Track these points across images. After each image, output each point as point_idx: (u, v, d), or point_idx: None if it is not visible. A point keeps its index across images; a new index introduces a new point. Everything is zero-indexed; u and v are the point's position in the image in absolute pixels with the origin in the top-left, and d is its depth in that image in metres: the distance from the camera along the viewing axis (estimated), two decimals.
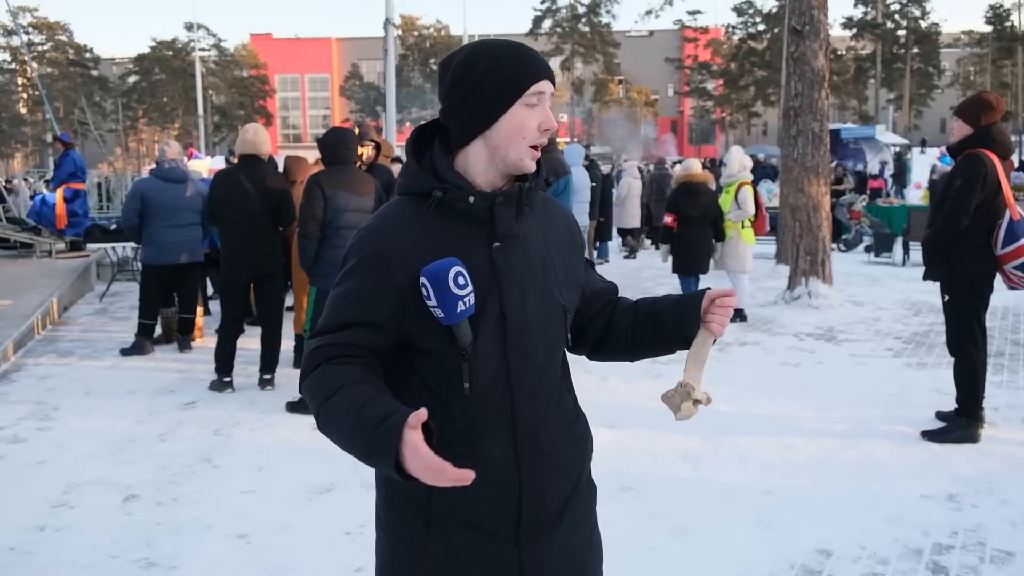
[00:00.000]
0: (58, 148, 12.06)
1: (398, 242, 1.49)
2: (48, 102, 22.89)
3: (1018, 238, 4.35)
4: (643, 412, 5.20)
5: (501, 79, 1.49)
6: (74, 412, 5.37)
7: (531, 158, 1.52)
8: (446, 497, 1.45)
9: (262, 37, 71.41)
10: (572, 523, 1.62)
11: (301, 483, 4.09)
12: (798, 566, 3.22)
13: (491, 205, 1.50)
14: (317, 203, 5.11)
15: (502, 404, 1.51)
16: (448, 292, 1.42)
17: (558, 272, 1.59)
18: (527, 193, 1.54)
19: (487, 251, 1.50)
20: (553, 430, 1.57)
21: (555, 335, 1.57)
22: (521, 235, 1.54)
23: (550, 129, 1.53)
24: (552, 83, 1.54)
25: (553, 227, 1.63)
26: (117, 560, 3.33)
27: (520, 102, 1.50)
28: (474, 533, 1.52)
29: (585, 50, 59.17)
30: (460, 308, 1.43)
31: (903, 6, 53.39)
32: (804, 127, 9.17)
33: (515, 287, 1.51)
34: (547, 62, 1.56)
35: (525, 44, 1.58)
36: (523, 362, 1.51)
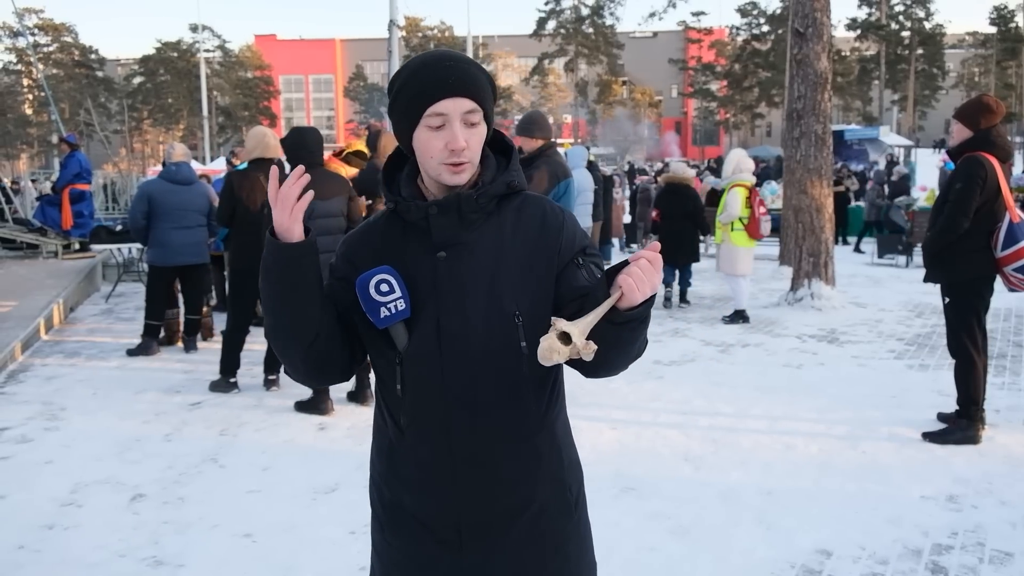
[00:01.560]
0: (64, 149, 12.11)
1: (359, 248, 1.62)
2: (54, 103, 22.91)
3: (1018, 240, 4.38)
4: (645, 413, 5.24)
5: (404, 102, 1.52)
6: (81, 412, 5.41)
7: (450, 173, 1.52)
8: (393, 487, 1.60)
9: (266, 38, 71.62)
10: (525, 540, 1.58)
11: (306, 483, 4.13)
12: (798, 566, 3.25)
13: (426, 215, 1.53)
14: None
15: (437, 410, 1.54)
16: (370, 299, 1.49)
17: (516, 279, 1.54)
18: (467, 201, 1.52)
19: (432, 260, 1.54)
20: (495, 441, 1.55)
21: (502, 343, 1.52)
22: (470, 244, 1.54)
23: (455, 150, 1.49)
24: (463, 98, 1.49)
25: (522, 234, 1.57)
26: (124, 558, 3.37)
27: (421, 125, 1.51)
28: (422, 528, 1.59)
29: (589, 51, 59.20)
30: (384, 314, 1.50)
31: (907, 7, 53.37)
32: (807, 129, 9.20)
33: (454, 296, 1.52)
34: (460, 76, 1.50)
35: (447, 56, 1.53)
36: (459, 369, 1.53)
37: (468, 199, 1.52)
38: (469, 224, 1.54)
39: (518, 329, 1.53)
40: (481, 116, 1.53)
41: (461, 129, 1.49)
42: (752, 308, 8.76)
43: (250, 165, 5.88)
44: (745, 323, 8.09)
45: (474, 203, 1.53)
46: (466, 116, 1.50)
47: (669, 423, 5.07)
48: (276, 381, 5.90)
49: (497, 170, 1.60)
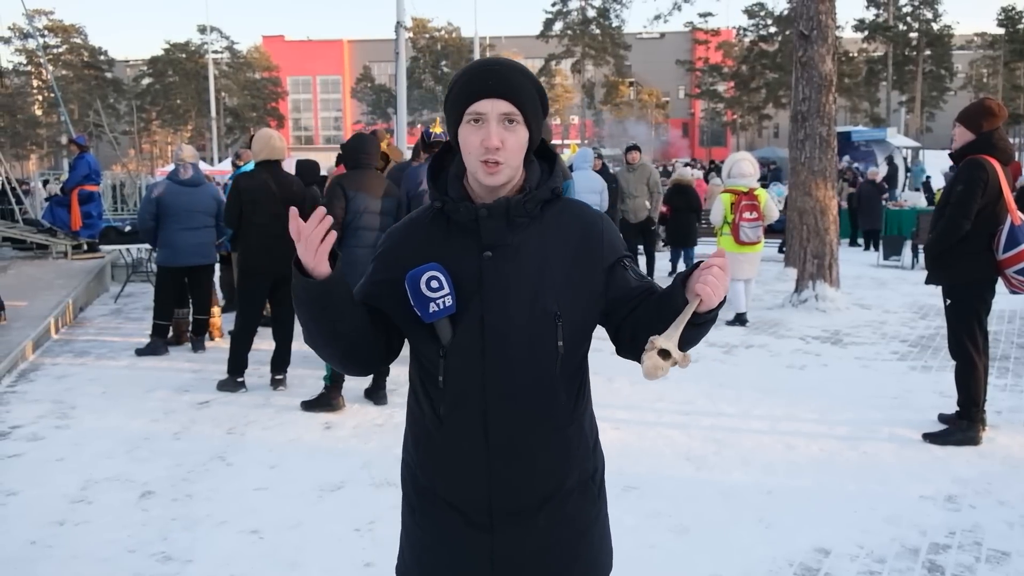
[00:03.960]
0: (73, 151, 12.21)
1: (403, 245, 1.68)
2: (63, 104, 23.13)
3: (1019, 243, 4.41)
4: (648, 413, 5.28)
5: (451, 101, 1.62)
6: (91, 411, 5.49)
7: (486, 172, 1.58)
8: (427, 473, 1.69)
9: (274, 39, 71.75)
10: (553, 524, 1.67)
11: (312, 481, 4.19)
12: (796, 564, 3.29)
13: (475, 217, 1.61)
14: (339, 203, 5.29)
15: (477, 401, 1.61)
16: (420, 294, 1.57)
17: (558, 281, 1.62)
18: (516, 206, 1.60)
19: (478, 259, 1.61)
20: (529, 432, 1.63)
21: (542, 341, 1.61)
22: (515, 245, 1.62)
23: (489, 148, 1.56)
24: (501, 100, 1.56)
25: (562, 236, 1.65)
26: (134, 554, 3.43)
27: (463, 122, 1.60)
28: (451, 511, 1.67)
29: (596, 52, 59.14)
30: (433, 309, 1.57)
31: (915, 8, 53.14)
32: (811, 131, 9.23)
33: (499, 294, 1.60)
34: (500, 80, 1.58)
35: (496, 62, 1.62)
36: (500, 365, 1.60)
37: (517, 204, 1.60)
38: (515, 227, 1.62)
39: (557, 329, 1.61)
40: (520, 119, 1.58)
41: (497, 129, 1.56)
42: (756, 309, 8.79)
43: (257, 167, 5.94)
44: (742, 326, 8.10)
45: (522, 207, 1.61)
46: (503, 116, 1.57)
47: (672, 423, 5.11)
48: (283, 381, 5.97)
49: (542, 176, 1.69)
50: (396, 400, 5.59)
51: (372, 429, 5.03)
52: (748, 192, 8.11)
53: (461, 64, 58.21)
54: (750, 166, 8.30)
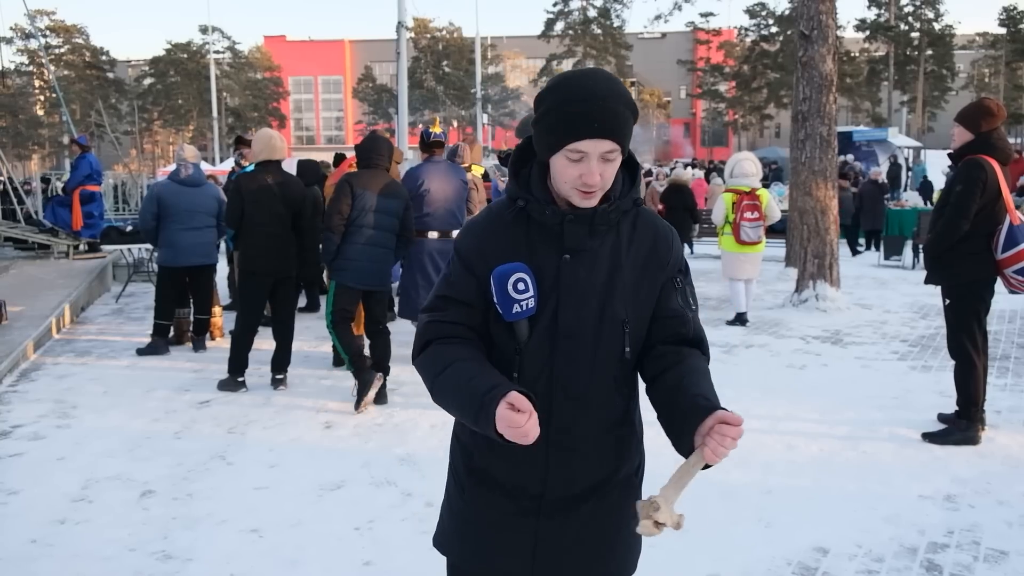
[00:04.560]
0: (74, 151, 12.23)
1: (485, 240, 1.70)
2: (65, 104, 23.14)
3: (1018, 243, 4.41)
4: (648, 412, 5.27)
5: (551, 125, 1.60)
6: (92, 410, 5.50)
7: (580, 197, 1.62)
8: (484, 455, 1.74)
9: (276, 39, 71.82)
10: (594, 512, 1.74)
11: (312, 480, 4.20)
12: (795, 563, 3.30)
13: (561, 221, 1.64)
14: (345, 199, 5.36)
15: (544, 396, 1.66)
16: (507, 295, 1.61)
17: (628, 288, 1.68)
18: (601, 215, 1.64)
19: (557, 261, 1.65)
20: (588, 429, 1.70)
21: (609, 346, 1.68)
22: (593, 250, 1.66)
23: (589, 184, 1.58)
24: (605, 140, 1.56)
25: (636, 246, 1.70)
26: (135, 553, 3.44)
27: (560, 154, 1.60)
28: (502, 495, 1.74)
29: (597, 52, 59.14)
30: (516, 310, 1.62)
31: (916, 8, 53.10)
32: (812, 131, 9.24)
33: (574, 297, 1.65)
34: (606, 119, 1.55)
35: (597, 92, 1.56)
36: (568, 365, 1.67)
37: (603, 213, 1.64)
38: (596, 233, 1.66)
39: (624, 336, 1.68)
40: (619, 152, 1.61)
41: (598, 165, 1.58)
42: (757, 309, 8.80)
43: (257, 167, 5.95)
44: (742, 326, 8.10)
45: (607, 216, 1.65)
46: (605, 155, 1.58)
47: None
48: (283, 380, 5.98)
49: (623, 185, 1.71)
50: (396, 400, 5.60)
51: (372, 428, 5.04)
52: (750, 192, 8.11)
53: (463, 64, 58.35)
54: (752, 166, 8.29)
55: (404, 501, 3.92)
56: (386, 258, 5.56)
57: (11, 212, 13.01)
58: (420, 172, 6.46)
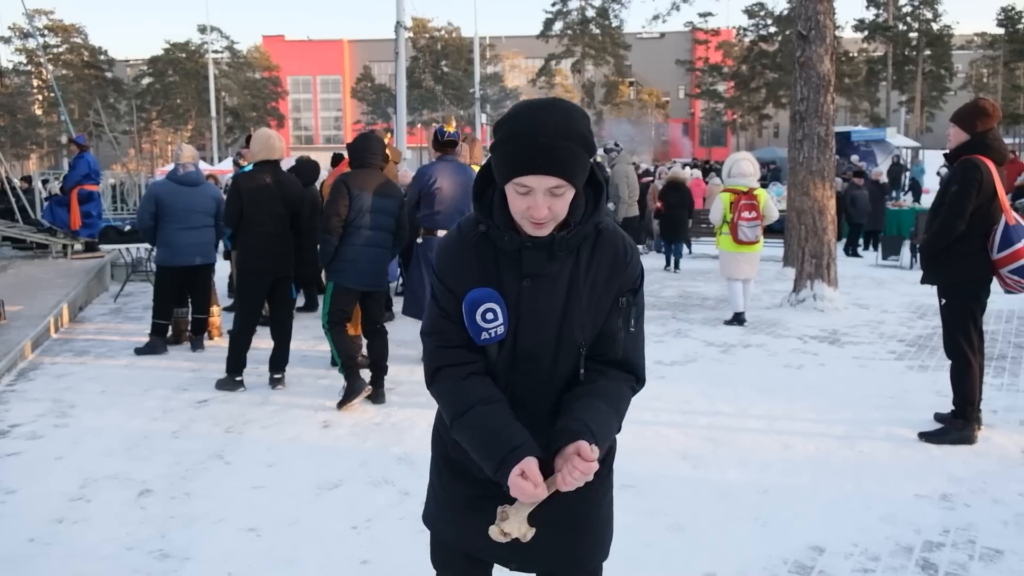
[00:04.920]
0: (73, 150, 12.22)
1: (456, 263, 1.77)
2: (63, 104, 23.13)
3: (1013, 243, 4.42)
4: (645, 412, 5.29)
5: (502, 157, 1.64)
6: (90, 409, 5.50)
7: (530, 227, 1.66)
8: (461, 452, 1.83)
9: (275, 39, 71.74)
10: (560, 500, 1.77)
11: (310, 479, 4.21)
12: (791, 562, 3.31)
13: (519, 247, 1.70)
14: (343, 201, 5.34)
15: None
16: (475, 323, 1.71)
17: (585, 310, 1.73)
18: (559, 242, 1.69)
19: (518, 285, 1.72)
20: (542, 431, 1.75)
21: (565, 367, 1.76)
22: (552, 275, 1.72)
23: (535, 217, 1.62)
24: (550, 177, 1.58)
25: (595, 268, 1.74)
26: (132, 551, 3.45)
27: (510, 184, 1.64)
28: (474, 483, 1.84)
29: (596, 52, 59.16)
30: (484, 336, 1.72)
31: (915, 8, 53.12)
32: (810, 131, 9.25)
33: (533, 321, 1.73)
34: (550, 157, 1.57)
35: (545, 128, 1.58)
36: (526, 384, 1.77)
37: (561, 241, 1.69)
38: (555, 259, 1.72)
39: (580, 358, 1.77)
40: (568, 187, 1.63)
41: (544, 200, 1.62)
42: (754, 309, 8.81)
43: (256, 167, 5.96)
44: (740, 325, 8.11)
45: (565, 243, 1.70)
46: (550, 190, 1.61)
47: (669, 422, 5.13)
48: (281, 380, 5.98)
49: (586, 208, 1.73)
50: (393, 399, 5.61)
51: (370, 428, 5.05)
52: (748, 192, 8.11)
53: (461, 64, 58.34)
54: (750, 166, 8.29)
55: (402, 500, 3.92)
56: (384, 258, 5.57)
57: (9, 211, 13.00)
58: (432, 170, 6.46)
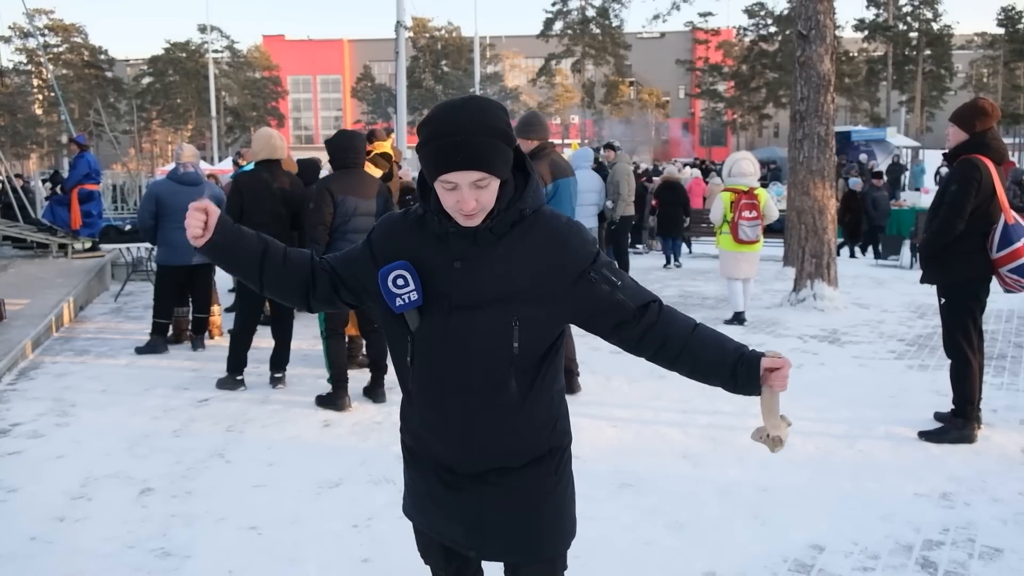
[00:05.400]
0: (73, 150, 12.23)
1: (391, 236, 1.89)
2: (63, 103, 23.13)
3: (1013, 242, 4.43)
4: (645, 411, 5.30)
5: (425, 158, 1.73)
6: (91, 408, 5.51)
7: (462, 219, 1.74)
8: (407, 435, 2.01)
9: (275, 39, 71.76)
10: (509, 490, 1.91)
11: (310, 478, 4.21)
12: (791, 560, 3.32)
13: (446, 232, 1.78)
14: (327, 208, 5.20)
15: (437, 383, 1.85)
16: (388, 290, 1.79)
17: (519, 290, 1.78)
18: (481, 233, 1.77)
19: (450, 265, 1.80)
20: (481, 417, 1.85)
21: (497, 344, 1.80)
22: (482, 257, 1.79)
23: (464, 211, 1.70)
24: (472, 171, 1.67)
25: (528, 251, 1.80)
26: (133, 550, 3.45)
27: (437, 182, 1.73)
28: (428, 469, 1.96)
29: (596, 52, 59.14)
30: (399, 303, 1.79)
31: (915, 8, 53.09)
32: (810, 131, 9.25)
33: (464, 299, 1.79)
34: (468, 153, 1.66)
35: (459, 126, 1.66)
36: (456, 359, 1.81)
37: (484, 231, 1.77)
38: (482, 243, 1.79)
39: (513, 332, 1.80)
40: (491, 178, 1.71)
41: (470, 193, 1.70)
42: (755, 309, 8.81)
43: (257, 166, 5.96)
44: (740, 325, 8.12)
45: (489, 231, 1.77)
46: (474, 183, 1.69)
47: (669, 421, 5.13)
48: (282, 379, 5.99)
49: (514, 194, 1.80)
50: (394, 398, 5.59)
51: (371, 427, 5.06)
52: (748, 191, 8.11)
53: (461, 64, 58.35)
54: (750, 165, 8.30)
55: (401, 499, 3.92)
56: None
57: (9, 211, 13.00)
58: None
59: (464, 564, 2.13)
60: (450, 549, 2.05)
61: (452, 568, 2.13)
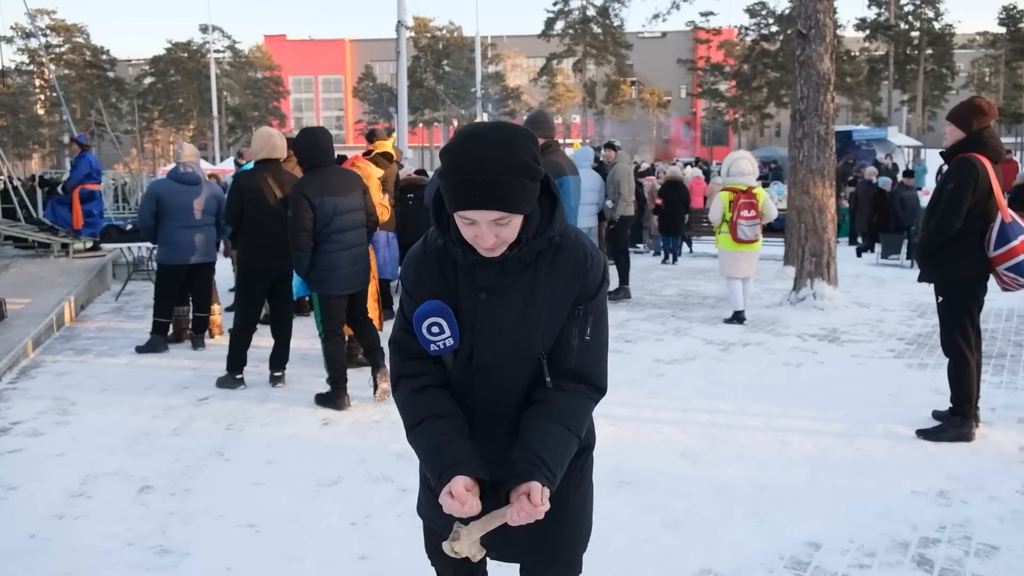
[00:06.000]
0: (74, 150, 12.25)
1: (420, 273, 1.83)
2: (65, 103, 23.18)
3: (1009, 240, 4.44)
4: (645, 410, 5.31)
5: (446, 189, 1.67)
6: (91, 407, 5.52)
7: (483, 250, 1.69)
8: None
9: (276, 39, 71.86)
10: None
11: (309, 476, 4.23)
12: (787, 558, 3.33)
13: (472, 264, 1.75)
14: (306, 214, 5.07)
15: (468, 411, 1.85)
16: (423, 337, 1.78)
17: (544, 321, 1.77)
18: (510, 262, 1.73)
19: (475, 298, 1.77)
20: (501, 442, 1.83)
21: (526, 377, 1.81)
22: (508, 288, 1.76)
23: (484, 247, 1.67)
24: (491, 211, 1.60)
25: (555, 279, 1.77)
26: (132, 547, 3.47)
27: (457, 215, 1.67)
28: None
29: (597, 52, 59.15)
30: (433, 348, 1.79)
31: (916, 7, 53.04)
32: (810, 130, 9.26)
33: (489, 333, 1.78)
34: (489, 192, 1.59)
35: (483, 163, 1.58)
36: (486, 395, 1.83)
37: (512, 260, 1.73)
38: (509, 273, 1.75)
39: (544, 366, 1.80)
40: (511, 216, 1.65)
41: (490, 228, 1.65)
42: (754, 308, 8.81)
43: (257, 165, 5.97)
44: (740, 324, 8.12)
45: (518, 260, 1.74)
46: (496, 220, 1.64)
47: (668, 420, 5.14)
48: (282, 378, 6.00)
49: (541, 221, 1.74)
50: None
51: (370, 425, 5.07)
52: (747, 190, 8.12)
53: (463, 63, 58.30)
54: (748, 164, 8.30)
55: (400, 497, 3.94)
56: (365, 255, 5.44)
57: (11, 211, 13.03)
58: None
59: (473, 566, 2.11)
60: None
61: (461, 571, 2.11)
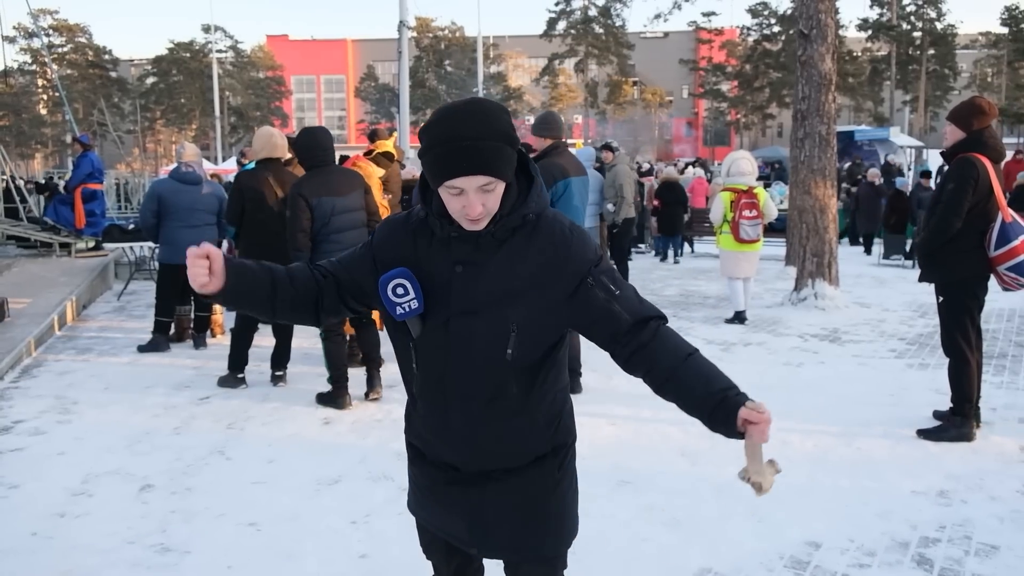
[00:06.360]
0: (77, 149, 12.29)
1: (392, 240, 1.86)
2: (68, 103, 23.16)
3: (1010, 240, 4.44)
4: (645, 409, 5.30)
5: (430, 163, 1.70)
6: (93, 406, 5.54)
7: (468, 223, 1.72)
8: (412, 435, 2.03)
9: (278, 38, 71.88)
10: (513, 487, 1.92)
11: (310, 475, 4.23)
12: (787, 557, 3.33)
13: (449, 237, 1.77)
14: (303, 215, 5.04)
15: (439, 388, 1.86)
16: (388, 299, 1.77)
17: (519, 296, 1.77)
18: (484, 237, 1.75)
19: (450, 270, 1.78)
20: (485, 419, 1.86)
21: (496, 349, 1.79)
22: (483, 262, 1.77)
23: (471, 216, 1.68)
24: (478, 176, 1.64)
25: (529, 256, 1.77)
26: (133, 545, 3.47)
27: (442, 187, 1.69)
28: (431, 467, 1.99)
29: (599, 52, 59.15)
30: (399, 311, 1.78)
31: (919, 8, 52.99)
32: (811, 130, 9.26)
33: (464, 304, 1.77)
34: (474, 158, 1.63)
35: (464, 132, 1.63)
36: (459, 366, 1.81)
37: (485, 236, 1.75)
38: (484, 247, 1.77)
39: (510, 338, 1.78)
40: (497, 182, 1.69)
41: (476, 198, 1.68)
42: (755, 308, 8.82)
43: (258, 165, 5.98)
44: (741, 324, 8.12)
45: (490, 237, 1.76)
46: (481, 187, 1.67)
47: (668, 419, 5.12)
48: (283, 377, 6.01)
49: (517, 198, 1.77)
50: (395, 396, 5.63)
51: (371, 424, 5.08)
52: (747, 190, 8.12)
53: (464, 64, 58.35)
54: (749, 164, 8.30)
55: (400, 496, 3.94)
56: None
57: (13, 211, 13.06)
58: None
59: (465, 561, 2.13)
60: (452, 546, 2.06)
61: (453, 565, 2.13)
